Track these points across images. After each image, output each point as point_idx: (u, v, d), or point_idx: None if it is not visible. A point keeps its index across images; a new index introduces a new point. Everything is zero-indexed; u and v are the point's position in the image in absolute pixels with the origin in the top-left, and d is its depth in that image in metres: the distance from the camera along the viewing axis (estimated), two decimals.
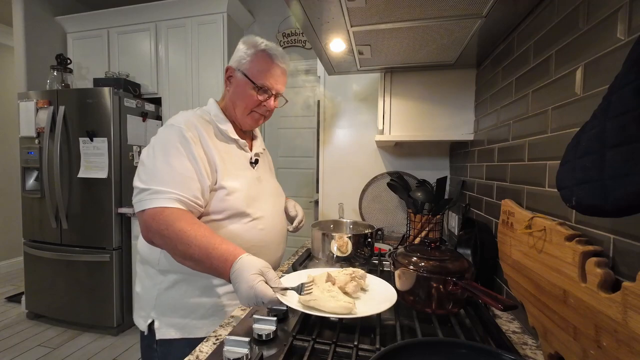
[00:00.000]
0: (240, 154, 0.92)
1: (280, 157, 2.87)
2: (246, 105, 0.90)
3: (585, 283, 0.46)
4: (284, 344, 0.56)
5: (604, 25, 0.49)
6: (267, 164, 1.08)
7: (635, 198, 0.33)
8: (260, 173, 0.97)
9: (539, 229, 0.59)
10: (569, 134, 0.55)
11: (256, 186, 0.92)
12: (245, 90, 0.88)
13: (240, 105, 0.90)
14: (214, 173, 0.82)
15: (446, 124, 1.23)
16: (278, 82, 0.91)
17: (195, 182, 0.77)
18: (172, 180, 0.75)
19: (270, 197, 0.97)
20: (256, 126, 0.98)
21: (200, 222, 0.74)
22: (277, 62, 0.90)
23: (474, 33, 0.86)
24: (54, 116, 2.26)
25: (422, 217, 1.26)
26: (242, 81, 0.88)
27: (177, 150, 0.78)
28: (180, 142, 0.79)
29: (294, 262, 1.05)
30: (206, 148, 0.82)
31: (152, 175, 0.76)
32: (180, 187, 0.75)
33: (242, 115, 0.91)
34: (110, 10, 2.61)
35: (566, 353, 0.50)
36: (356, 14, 0.79)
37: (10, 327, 2.37)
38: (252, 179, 0.91)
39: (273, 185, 1.04)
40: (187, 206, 0.75)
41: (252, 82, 0.87)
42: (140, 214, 0.75)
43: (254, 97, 0.88)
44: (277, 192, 1.04)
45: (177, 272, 0.82)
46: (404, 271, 0.71)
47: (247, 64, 0.87)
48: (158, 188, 0.73)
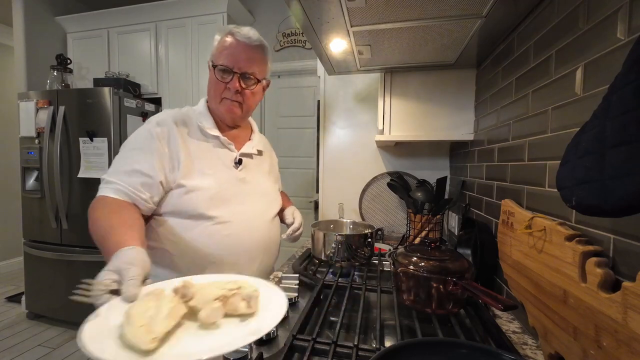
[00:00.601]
0: (220, 152, 0.87)
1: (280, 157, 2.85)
2: (214, 93, 0.86)
3: (585, 283, 0.46)
4: (284, 344, 0.56)
5: (604, 25, 0.49)
6: (265, 167, 1.01)
7: (635, 198, 0.33)
8: (247, 174, 0.91)
9: (539, 229, 0.59)
10: (569, 134, 0.55)
11: (233, 187, 0.86)
12: (211, 77, 0.85)
13: (210, 95, 0.88)
14: (174, 170, 0.79)
15: (446, 124, 1.23)
16: (240, 59, 0.83)
17: (142, 175, 0.75)
18: (120, 171, 0.76)
19: (253, 202, 0.89)
20: (234, 116, 0.89)
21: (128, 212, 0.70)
22: (239, 39, 0.83)
23: (474, 33, 0.86)
24: (54, 116, 2.25)
25: (422, 217, 1.26)
26: (210, 70, 0.85)
27: (137, 144, 0.80)
28: (144, 137, 0.80)
29: (293, 263, 1.05)
30: (173, 145, 0.80)
31: (111, 167, 0.79)
32: (125, 177, 0.74)
33: (216, 106, 0.88)
34: (110, 10, 2.61)
35: (566, 353, 0.50)
36: (356, 14, 0.79)
37: (10, 327, 2.37)
38: (229, 180, 0.86)
39: (263, 189, 0.96)
40: (129, 197, 0.73)
41: (213, 65, 0.84)
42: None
43: (216, 80, 0.84)
44: (266, 198, 0.96)
45: None
46: (404, 271, 0.71)
47: (214, 50, 0.85)
48: (108, 178, 0.75)
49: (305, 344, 0.57)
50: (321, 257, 0.99)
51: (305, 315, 0.65)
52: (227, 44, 0.83)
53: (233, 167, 0.89)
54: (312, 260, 1.07)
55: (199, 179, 0.81)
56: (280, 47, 2.71)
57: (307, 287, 0.87)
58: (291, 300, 0.76)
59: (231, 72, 0.83)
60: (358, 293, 0.82)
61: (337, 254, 0.96)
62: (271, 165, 1.06)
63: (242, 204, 0.86)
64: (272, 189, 1.01)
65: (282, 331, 0.65)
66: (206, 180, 0.82)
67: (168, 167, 0.79)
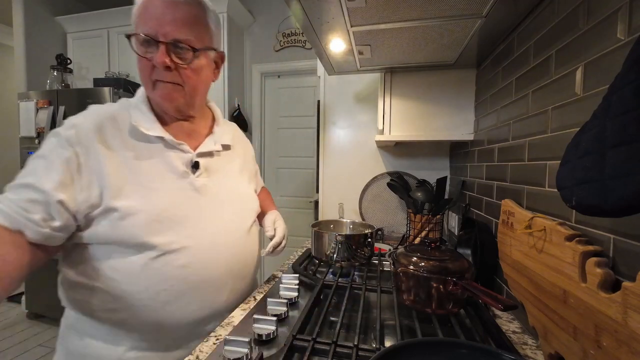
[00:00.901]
0: (166, 157, 0.68)
1: (280, 157, 2.87)
2: (142, 76, 0.66)
3: (585, 283, 0.46)
4: (284, 344, 0.56)
5: (604, 25, 0.49)
6: (236, 165, 0.83)
7: (635, 198, 0.33)
8: (208, 180, 0.73)
9: (539, 229, 0.59)
10: (569, 134, 0.55)
11: (188, 201, 0.68)
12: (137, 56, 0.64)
13: (140, 78, 0.67)
14: (92, 188, 0.60)
15: (446, 124, 1.23)
16: (164, 22, 0.61)
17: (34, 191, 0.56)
18: (12, 185, 0.58)
19: (218, 215, 0.72)
20: (175, 104, 0.69)
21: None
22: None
23: (474, 33, 0.86)
24: (54, 116, 2.26)
25: (422, 217, 1.26)
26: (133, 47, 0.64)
27: (41, 152, 0.60)
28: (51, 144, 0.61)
29: (293, 263, 1.05)
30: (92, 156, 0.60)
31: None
32: (12, 193, 0.56)
33: (151, 93, 0.68)
34: (110, 10, 2.61)
35: (566, 353, 0.50)
36: (356, 14, 0.79)
37: (10, 327, 2.37)
38: (181, 192, 0.68)
39: (233, 195, 0.78)
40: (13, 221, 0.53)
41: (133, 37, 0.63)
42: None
43: (141, 59, 0.64)
44: (238, 206, 0.79)
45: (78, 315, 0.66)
46: (404, 271, 0.71)
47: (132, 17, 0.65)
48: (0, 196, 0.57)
49: (305, 344, 0.57)
50: (321, 257, 0.99)
51: (305, 315, 0.65)
52: (145, 6, 0.62)
53: (187, 174, 0.70)
54: (312, 260, 1.07)
55: (136, 197, 0.62)
56: (280, 47, 2.71)
57: (307, 287, 0.87)
58: (291, 300, 0.76)
59: (155, 43, 0.61)
60: (358, 293, 0.82)
61: (337, 254, 0.96)
62: (245, 161, 0.87)
63: (202, 221, 0.69)
64: (247, 192, 0.84)
65: (282, 331, 0.65)
66: (148, 198, 0.63)
67: (82, 184, 0.59)
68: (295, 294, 0.78)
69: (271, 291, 0.85)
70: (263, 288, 0.89)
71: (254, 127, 2.84)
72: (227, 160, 0.81)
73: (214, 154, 0.77)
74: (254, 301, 0.80)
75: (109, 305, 0.62)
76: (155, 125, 0.68)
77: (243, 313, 0.74)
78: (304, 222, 2.77)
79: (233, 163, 0.83)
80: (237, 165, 0.84)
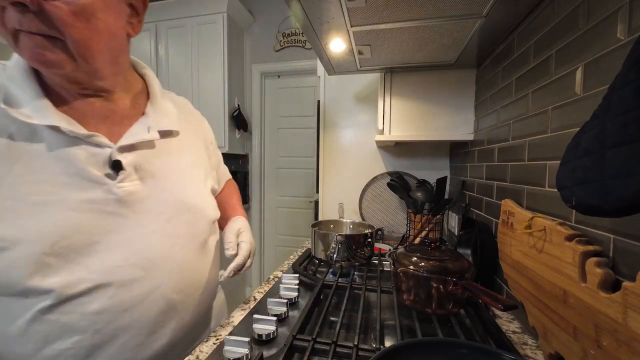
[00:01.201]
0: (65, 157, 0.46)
1: (280, 157, 2.87)
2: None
3: (585, 283, 0.46)
4: (284, 344, 0.56)
5: (604, 25, 0.49)
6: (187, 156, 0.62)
7: (635, 198, 0.33)
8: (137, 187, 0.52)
9: (539, 229, 0.59)
10: (569, 134, 0.55)
11: (103, 220, 0.48)
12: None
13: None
14: None
15: (446, 124, 1.23)
16: None
17: None
18: None
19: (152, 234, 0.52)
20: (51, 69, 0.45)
21: None
22: None
23: (474, 33, 0.86)
24: None
25: (422, 217, 1.26)
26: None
27: None
28: None
29: (293, 263, 1.05)
30: None
31: None
32: None
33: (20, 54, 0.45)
34: None
35: (566, 353, 0.50)
36: (356, 14, 0.79)
37: None
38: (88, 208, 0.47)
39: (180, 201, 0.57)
40: None
41: None
42: None
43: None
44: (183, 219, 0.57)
45: None
46: (404, 271, 0.71)
47: None
48: None
49: (305, 344, 0.57)
50: (321, 257, 0.99)
51: (305, 315, 0.65)
52: None
53: (103, 180, 0.49)
54: (312, 260, 1.07)
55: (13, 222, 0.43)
56: (280, 47, 2.71)
57: (307, 287, 0.87)
58: (291, 300, 0.76)
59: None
60: (358, 293, 0.82)
61: (337, 254, 0.96)
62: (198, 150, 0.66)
63: (127, 246, 0.50)
64: (200, 197, 0.62)
65: (282, 331, 0.65)
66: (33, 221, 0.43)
67: None
68: (295, 294, 0.78)
69: (271, 291, 0.85)
70: (263, 288, 0.89)
71: (254, 127, 2.84)
72: (170, 153, 0.58)
73: (148, 146, 0.54)
74: (254, 301, 0.80)
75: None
76: (42, 107, 0.45)
77: (243, 313, 0.74)
78: (304, 222, 2.77)
79: (180, 156, 0.60)
80: (187, 159, 0.61)
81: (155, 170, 0.55)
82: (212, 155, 0.72)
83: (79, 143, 0.47)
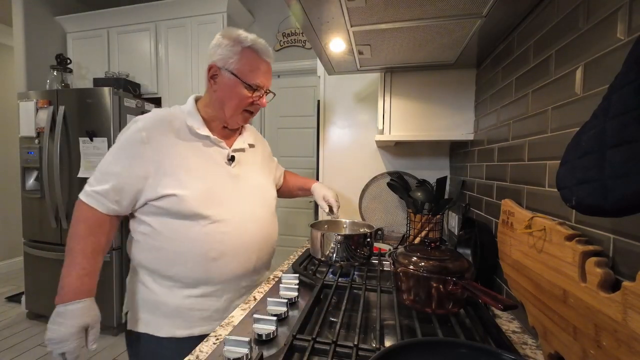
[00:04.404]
0: (210, 151, 0.88)
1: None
2: (238, 105, 0.87)
3: (585, 283, 0.46)
4: (284, 344, 0.56)
5: (604, 25, 0.49)
6: (258, 160, 1.03)
7: (635, 198, 0.33)
8: (240, 170, 0.92)
9: (539, 228, 0.59)
10: (569, 134, 0.55)
11: (227, 185, 0.88)
12: (235, 90, 0.85)
13: (230, 105, 0.87)
14: (160, 177, 0.80)
15: (446, 124, 1.23)
16: (267, 78, 0.90)
17: (115, 177, 0.79)
18: (97, 171, 0.81)
19: (248, 198, 0.91)
20: (245, 123, 0.96)
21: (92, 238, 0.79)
22: (264, 58, 0.88)
23: (474, 33, 0.86)
24: (54, 116, 2.25)
25: (422, 217, 1.26)
26: (231, 81, 0.85)
27: (120, 145, 0.82)
28: (127, 139, 0.81)
29: (293, 263, 1.05)
30: (157, 150, 0.80)
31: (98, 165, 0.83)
32: (97, 183, 0.80)
33: (232, 114, 0.88)
34: (110, 10, 2.61)
35: (566, 353, 0.50)
36: (356, 14, 0.79)
37: (10, 327, 2.37)
38: (222, 178, 0.87)
39: (257, 183, 0.97)
40: (96, 201, 0.79)
41: (243, 82, 0.85)
42: None
43: (247, 97, 0.86)
44: (261, 192, 0.97)
45: (145, 267, 0.84)
46: (403, 271, 0.71)
47: (235, 63, 0.84)
48: (89, 180, 0.82)
49: (305, 344, 0.57)
50: (320, 257, 0.99)
51: (305, 315, 0.65)
52: (257, 63, 0.87)
53: (226, 165, 0.90)
54: (312, 260, 1.06)
55: (191, 180, 0.82)
56: (280, 47, 2.71)
57: (307, 287, 0.87)
58: (291, 300, 0.76)
59: (261, 91, 0.89)
60: (358, 293, 0.82)
61: (336, 254, 0.96)
62: (264, 157, 1.08)
63: (237, 201, 0.87)
64: (267, 182, 1.02)
65: (282, 331, 0.65)
66: (199, 181, 0.83)
67: (150, 172, 0.79)
68: (295, 294, 0.78)
69: (271, 291, 0.85)
70: (263, 288, 0.89)
71: (254, 126, 2.84)
72: (253, 156, 1.01)
73: (244, 150, 0.97)
74: (254, 301, 0.80)
75: (171, 261, 0.81)
76: (203, 127, 0.88)
77: (243, 313, 0.74)
78: (304, 222, 2.78)
79: (256, 158, 1.02)
80: (259, 160, 1.04)
81: (246, 164, 0.96)
82: (270, 160, 1.14)
83: (215, 146, 0.90)
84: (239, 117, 0.90)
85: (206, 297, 0.84)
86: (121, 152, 0.81)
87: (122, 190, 0.79)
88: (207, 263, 0.82)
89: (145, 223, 0.83)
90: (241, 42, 0.84)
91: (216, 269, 0.83)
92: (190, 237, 0.81)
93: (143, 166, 0.79)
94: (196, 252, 0.81)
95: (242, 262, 0.87)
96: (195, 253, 0.81)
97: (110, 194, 0.79)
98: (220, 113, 0.89)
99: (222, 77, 0.85)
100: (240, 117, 0.90)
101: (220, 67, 0.85)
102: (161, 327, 0.83)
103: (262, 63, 0.87)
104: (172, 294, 0.83)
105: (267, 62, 0.89)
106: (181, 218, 0.81)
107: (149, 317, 0.83)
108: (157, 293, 0.83)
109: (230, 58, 0.84)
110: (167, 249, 0.81)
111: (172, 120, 0.86)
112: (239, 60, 0.84)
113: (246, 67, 0.85)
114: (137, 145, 0.80)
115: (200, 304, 0.84)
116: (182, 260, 0.81)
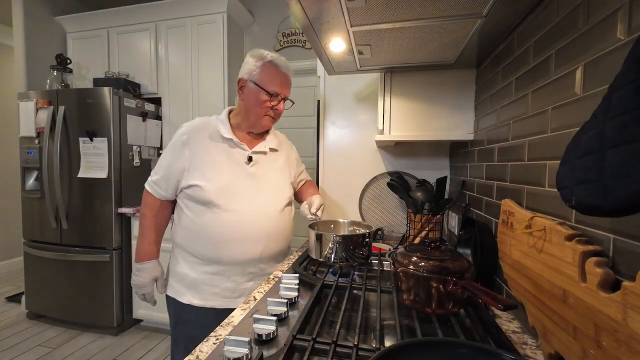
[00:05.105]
0: (233, 152, 1.05)
1: None
2: (260, 110, 1.04)
3: (585, 283, 0.46)
4: (284, 344, 0.56)
5: (604, 25, 0.49)
6: (279, 163, 1.15)
7: (635, 198, 0.33)
8: (258, 170, 1.06)
9: (539, 228, 0.59)
10: (569, 134, 0.55)
11: (243, 182, 1.02)
12: (257, 96, 1.02)
13: (254, 111, 1.04)
14: (192, 170, 1.00)
15: (446, 124, 1.23)
16: (284, 88, 1.05)
17: (165, 170, 1.02)
18: (155, 169, 1.06)
19: (260, 195, 1.04)
20: (268, 127, 1.11)
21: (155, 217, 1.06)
22: (282, 71, 1.04)
23: (474, 33, 0.86)
24: (54, 116, 2.25)
25: (422, 217, 1.26)
26: (254, 89, 1.02)
27: (170, 146, 1.05)
28: (174, 141, 1.04)
29: (293, 263, 1.05)
30: (193, 150, 1.01)
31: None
32: (154, 173, 1.05)
33: (257, 119, 1.06)
34: (110, 10, 2.61)
35: (566, 353, 0.50)
36: (356, 14, 0.79)
37: (10, 327, 2.37)
38: (239, 175, 1.03)
39: (272, 183, 1.09)
40: (152, 188, 1.05)
41: (264, 90, 1.01)
42: None
43: (267, 103, 1.03)
44: (274, 191, 1.09)
45: (177, 244, 1.06)
46: (403, 271, 0.71)
47: (257, 75, 1.01)
48: (152, 172, 1.07)
49: (305, 344, 0.57)
50: (319, 258, 0.99)
51: (305, 315, 0.65)
52: (276, 74, 1.03)
53: (244, 164, 1.05)
54: (312, 260, 1.06)
55: (213, 174, 1.00)
56: (280, 47, 2.70)
57: (307, 287, 0.87)
58: (291, 300, 0.76)
59: (279, 98, 1.05)
60: (358, 293, 0.82)
61: (335, 254, 0.96)
62: (286, 162, 1.18)
63: (250, 196, 1.02)
64: (283, 183, 1.14)
65: (282, 331, 0.65)
66: (219, 176, 1.00)
67: (186, 166, 1.00)
68: (295, 294, 0.78)
69: (271, 291, 0.85)
70: (263, 288, 0.89)
71: None
72: (274, 159, 1.13)
73: (265, 153, 1.10)
74: (254, 301, 0.80)
75: (191, 239, 1.01)
76: (229, 132, 1.05)
77: (243, 313, 0.74)
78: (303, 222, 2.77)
79: (277, 161, 1.14)
80: (280, 163, 1.15)
81: (264, 165, 1.09)
82: (293, 165, 1.23)
83: (237, 147, 1.05)
84: (263, 121, 1.06)
85: (217, 275, 1.01)
86: (169, 150, 1.04)
87: (167, 180, 1.02)
88: (217, 245, 0.98)
89: (179, 207, 1.05)
90: (263, 58, 1.02)
91: (225, 251, 0.99)
92: (205, 221, 0.98)
93: (182, 162, 1.00)
94: (209, 234, 0.98)
95: (247, 249, 1.00)
96: (208, 235, 0.98)
97: (161, 182, 1.03)
98: (247, 119, 1.07)
99: (247, 88, 1.03)
100: (264, 121, 1.06)
101: (246, 80, 1.03)
102: (183, 295, 1.02)
103: (280, 75, 1.04)
104: (192, 268, 1.02)
105: (285, 74, 1.05)
106: (200, 204, 0.99)
107: (176, 285, 1.05)
108: (183, 266, 1.04)
109: (254, 71, 1.01)
110: (190, 229, 1.01)
111: (208, 126, 1.05)
112: (260, 72, 1.01)
113: (266, 77, 1.02)
114: (179, 145, 1.02)
115: (212, 281, 1.01)
116: (199, 239, 1.00)
